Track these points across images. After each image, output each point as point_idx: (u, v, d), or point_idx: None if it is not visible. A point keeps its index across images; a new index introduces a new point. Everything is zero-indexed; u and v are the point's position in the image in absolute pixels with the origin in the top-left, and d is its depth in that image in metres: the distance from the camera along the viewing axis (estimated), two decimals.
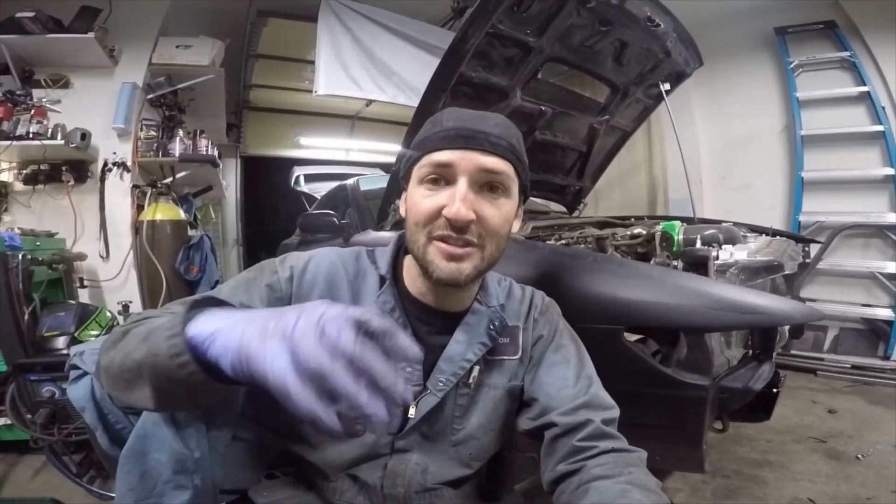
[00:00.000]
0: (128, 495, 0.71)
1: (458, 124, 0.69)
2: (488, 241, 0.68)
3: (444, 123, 0.70)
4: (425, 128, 0.73)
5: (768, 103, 3.93)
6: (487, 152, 0.67)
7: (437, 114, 0.73)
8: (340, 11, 3.74)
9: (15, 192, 2.91)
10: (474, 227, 0.66)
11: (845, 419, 2.45)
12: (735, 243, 1.70)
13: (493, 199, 0.68)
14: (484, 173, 0.67)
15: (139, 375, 0.51)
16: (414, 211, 0.69)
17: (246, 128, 5.51)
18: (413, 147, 0.73)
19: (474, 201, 0.66)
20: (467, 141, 0.67)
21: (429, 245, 0.67)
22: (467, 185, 0.66)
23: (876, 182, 3.41)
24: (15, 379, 1.87)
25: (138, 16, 3.11)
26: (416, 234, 0.68)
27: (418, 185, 0.70)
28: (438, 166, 0.67)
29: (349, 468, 0.75)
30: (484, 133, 0.68)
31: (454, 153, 0.67)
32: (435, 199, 0.67)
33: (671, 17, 2.14)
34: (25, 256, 2.09)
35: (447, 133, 0.68)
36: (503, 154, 0.68)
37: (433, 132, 0.70)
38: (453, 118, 0.70)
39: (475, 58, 1.82)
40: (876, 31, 3.37)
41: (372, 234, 2.23)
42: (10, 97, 2.74)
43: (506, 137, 0.69)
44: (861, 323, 3.42)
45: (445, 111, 0.73)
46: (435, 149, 0.68)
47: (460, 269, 0.67)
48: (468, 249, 0.67)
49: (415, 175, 0.71)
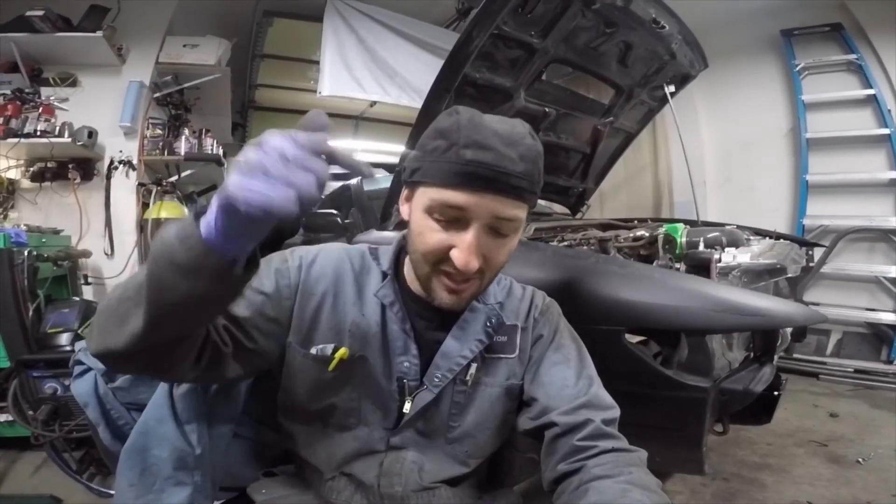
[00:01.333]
0: (128, 491, 0.72)
1: (477, 157, 0.60)
2: (488, 273, 0.69)
3: (462, 152, 0.61)
4: (437, 140, 0.63)
5: (773, 106, 3.92)
6: (507, 197, 0.62)
7: (454, 122, 0.63)
8: (345, 12, 3.75)
9: (22, 189, 2.93)
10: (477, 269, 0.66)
11: (847, 423, 2.45)
12: (738, 246, 1.70)
13: (502, 241, 0.66)
14: (497, 221, 0.64)
15: (137, 301, 0.50)
16: (420, 242, 0.66)
17: (251, 127, 5.52)
18: (422, 162, 0.65)
19: (483, 245, 0.64)
20: (487, 183, 0.61)
21: (433, 275, 0.67)
22: (478, 233, 0.63)
23: (881, 186, 3.40)
24: (17, 375, 1.88)
25: (146, 15, 3.13)
26: (422, 262, 0.67)
27: (426, 214, 0.65)
28: (451, 207, 0.62)
29: (344, 465, 0.75)
30: (506, 174, 0.61)
31: (470, 197, 0.61)
32: (443, 236, 0.64)
33: (676, 19, 2.14)
34: (31, 253, 2.11)
35: (465, 168, 0.60)
36: (523, 197, 0.64)
37: (447, 159, 0.62)
38: (473, 144, 0.61)
39: (479, 59, 1.83)
40: (883, 33, 3.35)
41: (375, 234, 2.24)
42: (19, 95, 2.77)
43: (529, 175, 0.63)
44: (864, 327, 3.41)
45: (463, 121, 0.63)
46: (448, 185, 0.61)
47: (462, 298, 0.69)
48: (469, 283, 0.68)
49: (423, 197, 0.65)
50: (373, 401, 0.74)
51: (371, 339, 0.73)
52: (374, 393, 0.74)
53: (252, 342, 0.67)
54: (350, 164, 0.46)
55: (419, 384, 0.74)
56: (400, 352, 0.74)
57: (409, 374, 0.74)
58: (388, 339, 0.74)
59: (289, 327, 0.72)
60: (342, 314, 0.73)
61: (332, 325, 0.72)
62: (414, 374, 0.74)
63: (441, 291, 0.68)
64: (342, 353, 0.71)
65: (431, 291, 0.69)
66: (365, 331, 0.73)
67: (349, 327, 0.73)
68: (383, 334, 0.74)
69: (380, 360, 0.73)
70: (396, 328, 0.74)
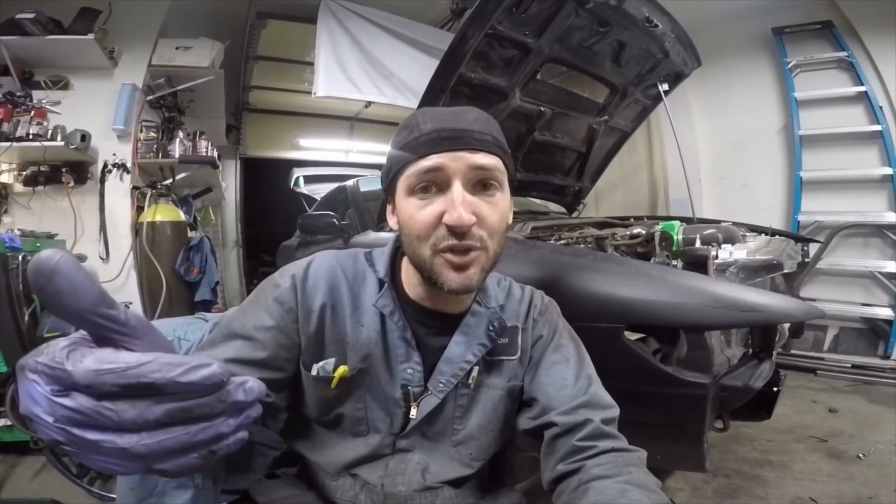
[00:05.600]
0: (129, 494, 0.71)
1: (437, 125, 0.65)
2: (490, 240, 0.66)
3: (423, 127, 0.66)
4: (401, 135, 0.68)
5: (766, 103, 3.94)
6: (475, 150, 0.65)
7: (410, 117, 0.69)
8: (339, 13, 3.75)
9: (15, 194, 2.91)
10: (475, 230, 0.64)
11: (846, 418, 2.46)
12: (734, 242, 1.71)
13: (488, 198, 0.66)
14: (476, 171, 0.65)
15: None
16: (411, 224, 0.66)
17: (245, 129, 5.51)
18: (392, 158, 0.69)
19: (472, 203, 0.64)
20: (452, 142, 0.64)
21: (435, 258, 0.65)
22: (462, 188, 0.64)
23: (874, 181, 3.42)
24: (15, 380, 1.87)
25: (138, 17, 3.12)
26: (420, 247, 0.66)
27: (409, 197, 0.66)
28: (428, 172, 0.64)
29: (351, 468, 0.75)
30: (467, 131, 0.65)
31: (442, 156, 0.64)
32: (431, 207, 0.64)
33: (669, 18, 2.15)
34: (25, 258, 2.09)
35: (429, 136, 0.65)
36: (490, 149, 0.66)
37: (413, 138, 0.66)
38: (430, 119, 0.66)
39: (474, 59, 1.83)
40: (873, 31, 3.38)
41: (372, 235, 2.24)
42: (10, 98, 2.75)
43: (488, 131, 0.67)
44: (861, 322, 3.42)
45: (418, 113, 0.69)
46: (420, 155, 0.65)
47: (469, 276, 0.65)
48: (473, 255, 0.65)
49: (402, 186, 0.67)
50: (379, 408, 0.74)
51: (372, 349, 0.72)
52: (379, 401, 0.73)
53: (284, 372, 0.69)
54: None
55: (424, 390, 0.74)
56: (402, 360, 0.73)
57: (413, 381, 0.73)
58: (390, 348, 0.73)
59: (300, 345, 0.71)
60: (341, 326, 0.72)
61: (333, 338, 0.71)
62: (418, 381, 0.73)
63: (447, 272, 0.65)
64: (342, 371, 0.70)
65: (438, 277, 0.65)
66: (365, 342, 0.72)
67: (349, 339, 0.72)
68: (384, 344, 0.73)
69: (383, 369, 0.73)
70: (397, 337, 0.72)
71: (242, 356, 0.65)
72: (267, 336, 0.67)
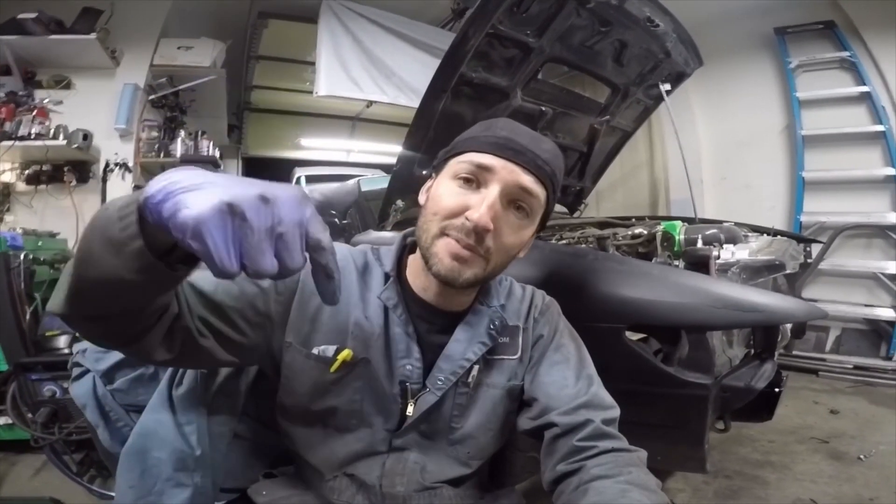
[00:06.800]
0: (128, 493, 0.71)
1: (511, 135, 0.68)
2: (495, 255, 0.67)
3: (499, 131, 0.68)
4: (477, 127, 0.71)
5: (769, 103, 3.93)
6: (530, 172, 0.67)
7: (493, 119, 0.72)
8: (341, 13, 3.75)
9: (17, 193, 2.93)
10: (487, 239, 0.65)
11: (847, 420, 2.45)
12: (736, 243, 1.70)
13: (516, 219, 0.68)
14: (519, 190, 0.66)
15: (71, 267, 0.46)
16: (437, 201, 0.68)
17: (247, 129, 5.53)
18: (457, 140, 0.72)
19: (499, 213, 0.65)
20: (515, 154, 0.66)
21: (438, 238, 0.66)
22: (498, 195, 0.65)
23: (877, 182, 3.41)
24: (16, 378, 1.88)
25: (140, 17, 3.13)
26: (430, 223, 0.67)
27: (451, 179, 0.68)
28: (479, 167, 0.66)
29: (346, 466, 0.74)
30: (533, 153, 0.67)
31: (498, 160, 0.66)
32: (463, 198, 0.66)
33: (671, 18, 2.14)
34: (27, 256, 2.10)
35: (498, 140, 0.67)
36: (543, 179, 0.68)
37: (484, 134, 0.69)
38: (509, 129, 0.69)
39: (475, 58, 1.82)
40: (875, 30, 3.37)
41: (373, 234, 2.23)
42: (13, 98, 2.77)
43: (552, 165, 0.69)
44: (863, 323, 3.42)
45: (501, 119, 0.72)
46: (481, 150, 0.67)
47: (461, 271, 0.66)
48: (474, 255, 0.65)
49: (450, 168, 0.69)
50: (374, 403, 0.73)
51: (373, 341, 0.72)
52: (375, 395, 0.73)
53: (239, 333, 0.64)
54: (323, 271, 0.43)
55: (422, 387, 0.73)
56: (402, 355, 0.73)
57: (412, 377, 0.73)
58: (391, 341, 0.73)
59: (283, 325, 0.69)
60: (344, 314, 0.72)
61: (334, 325, 0.71)
62: (416, 377, 0.73)
63: (444, 255, 0.65)
64: (345, 354, 0.69)
65: (433, 256, 0.66)
66: (367, 332, 0.72)
67: (351, 328, 0.71)
68: (386, 337, 0.73)
69: (382, 362, 0.72)
70: (399, 331, 0.72)
71: (207, 291, 0.61)
72: (249, 290, 0.65)
